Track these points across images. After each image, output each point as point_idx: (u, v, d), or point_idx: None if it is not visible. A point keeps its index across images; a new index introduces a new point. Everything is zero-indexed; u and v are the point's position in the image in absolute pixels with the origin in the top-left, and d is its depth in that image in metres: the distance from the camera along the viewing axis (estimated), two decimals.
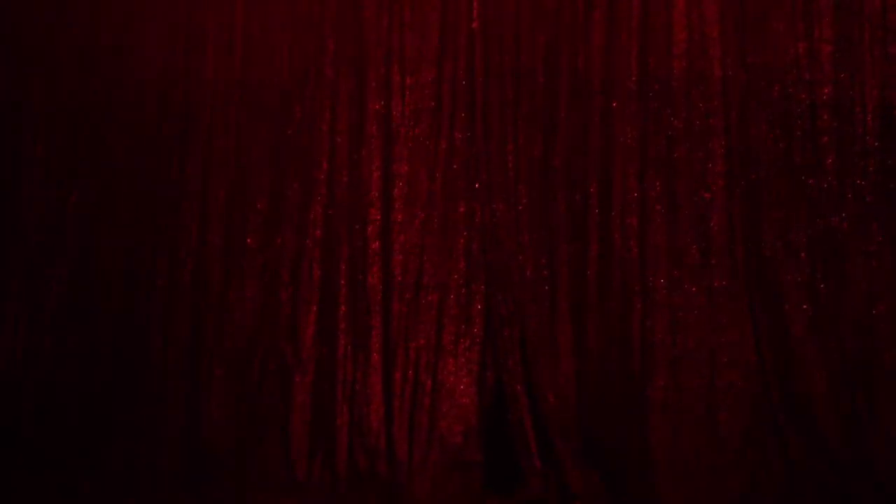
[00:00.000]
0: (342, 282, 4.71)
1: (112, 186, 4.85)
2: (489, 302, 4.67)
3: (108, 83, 4.89)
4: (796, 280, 4.51)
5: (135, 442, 4.61)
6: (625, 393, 4.53)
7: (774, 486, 4.31)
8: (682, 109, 4.63)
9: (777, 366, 4.46)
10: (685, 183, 4.59)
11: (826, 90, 4.56)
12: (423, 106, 4.77)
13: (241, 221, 4.78)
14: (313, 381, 4.66)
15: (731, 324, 4.51)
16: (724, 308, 4.52)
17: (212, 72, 4.85)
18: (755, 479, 4.36)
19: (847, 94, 4.55)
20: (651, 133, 4.63)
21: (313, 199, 4.76)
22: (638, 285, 4.55)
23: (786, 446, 4.37)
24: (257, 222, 4.77)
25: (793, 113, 4.58)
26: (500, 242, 4.68)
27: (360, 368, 4.65)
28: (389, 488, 4.48)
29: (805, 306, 4.49)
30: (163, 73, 4.85)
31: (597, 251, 4.62)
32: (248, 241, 4.76)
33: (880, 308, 4.45)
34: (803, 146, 4.56)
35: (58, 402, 4.70)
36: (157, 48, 4.86)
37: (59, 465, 4.56)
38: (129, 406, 4.66)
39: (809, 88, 4.57)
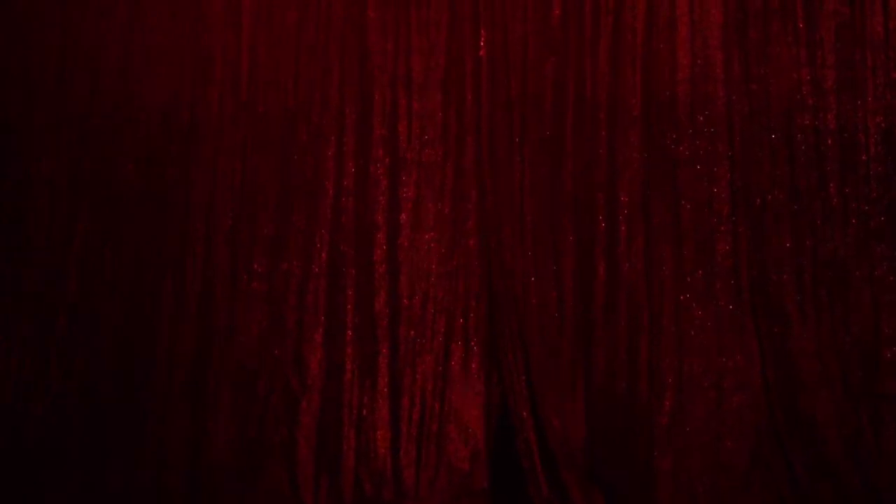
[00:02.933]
0: (349, 307, 4.69)
1: (118, 209, 4.80)
2: (496, 326, 4.67)
3: (115, 106, 4.85)
4: (801, 303, 4.54)
5: (139, 465, 4.55)
6: (631, 417, 4.53)
7: None
8: (686, 134, 4.65)
9: (783, 389, 4.48)
10: (691, 207, 4.62)
11: (829, 116, 4.61)
12: (429, 130, 4.78)
13: (247, 245, 4.74)
14: (320, 407, 4.62)
15: (737, 347, 4.53)
16: (730, 332, 4.54)
17: (217, 95, 4.82)
18: (762, 503, 4.36)
19: (850, 120, 4.60)
20: (656, 158, 4.66)
21: (319, 223, 4.74)
22: (644, 309, 4.57)
23: (792, 470, 4.39)
24: (263, 246, 4.73)
25: (796, 138, 4.62)
26: (507, 267, 4.69)
27: (367, 393, 4.63)
28: None
29: (810, 330, 4.52)
30: (169, 96, 4.81)
31: (603, 275, 4.63)
32: (255, 265, 4.72)
33: (885, 331, 4.48)
34: (807, 171, 4.60)
35: (63, 424, 4.64)
36: (164, 71, 4.83)
37: (62, 488, 4.52)
38: (133, 429, 4.61)
39: (813, 114, 4.61)
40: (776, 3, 4.70)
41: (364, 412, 4.62)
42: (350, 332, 4.68)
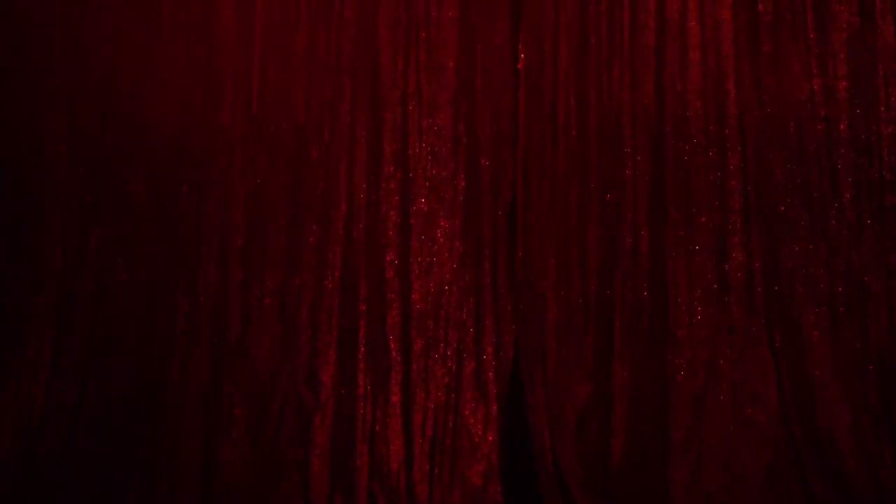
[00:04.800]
0: (361, 322, 4.70)
1: (131, 227, 4.85)
2: (511, 340, 4.66)
3: (128, 123, 4.91)
4: (817, 315, 4.49)
5: (153, 484, 4.57)
6: (646, 430, 4.51)
7: None
8: (699, 145, 4.64)
9: (799, 402, 4.43)
10: (705, 219, 4.60)
11: (842, 125, 4.58)
12: (439, 147, 4.80)
13: (259, 262, 4.76)
14: (333, 422, 4.63)
15: (753, 360, 4.49)
16: (746, 345, 4.50)
17: (229, 113, 4.87)
18: None
19: (863, 130, 4.57)
20: (670, 170, 4.64)
21: (331, 239, 4.75)
22: (660, 322, 4.55)
23: (808, 484, 4.33)
24: (276, 263, 4.76)
25: (809, 148, 4.59)
26: (523, 282, 4.68)
27: (380, 409, 4.63)
28: None
29: (826, 341, 4.47)
30: (181, 115, 4.86)
31: (623, 289, 4.61)
32: (267, 281, 4.75)
33: None
34: (820, 181, 4.57)
35: (76, 442, 4.68)
36: (176, 90, 4.88)
37: None
38: (147, 446, 4.63)
39: (826, 124, 4.59)
40: (787, 14, 4.68)
41: (377, 427, 4.62)
42: (363, 348, 4.68)
